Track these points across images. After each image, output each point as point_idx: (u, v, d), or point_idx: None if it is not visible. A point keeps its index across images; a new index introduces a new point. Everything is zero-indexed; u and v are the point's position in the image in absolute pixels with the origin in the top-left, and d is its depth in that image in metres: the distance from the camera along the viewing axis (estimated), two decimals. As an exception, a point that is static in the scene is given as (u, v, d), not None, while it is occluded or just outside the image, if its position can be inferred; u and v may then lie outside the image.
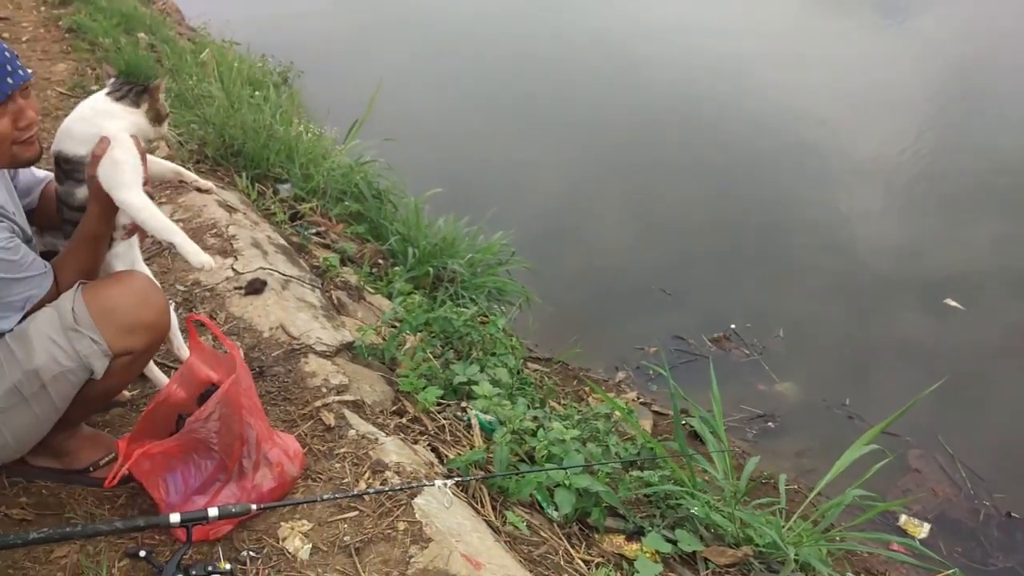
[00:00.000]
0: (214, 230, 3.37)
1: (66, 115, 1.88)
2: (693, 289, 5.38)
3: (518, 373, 3.35)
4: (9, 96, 1.64)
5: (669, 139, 7.27)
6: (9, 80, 1.62)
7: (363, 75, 7.71)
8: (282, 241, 3.59)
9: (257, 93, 4.72)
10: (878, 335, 4.98)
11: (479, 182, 6.37)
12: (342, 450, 2.19)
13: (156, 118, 1.94)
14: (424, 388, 2.64)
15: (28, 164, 1.80)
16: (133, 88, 1.89)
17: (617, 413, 3.02)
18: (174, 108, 4.59)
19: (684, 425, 4.06)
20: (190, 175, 2.21)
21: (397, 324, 3.03)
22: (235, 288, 2.99)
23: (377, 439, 2.26)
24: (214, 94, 4.53)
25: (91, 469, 2.03)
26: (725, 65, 8.59)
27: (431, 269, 3.99)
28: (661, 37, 9.37)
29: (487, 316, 3.59)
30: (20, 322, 1.76)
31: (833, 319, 5.11)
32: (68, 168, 1.84)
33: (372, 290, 3.67)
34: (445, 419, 2.62)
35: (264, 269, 3.09)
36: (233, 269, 3.11)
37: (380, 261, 4.15)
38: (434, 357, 2.98)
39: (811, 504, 2.79)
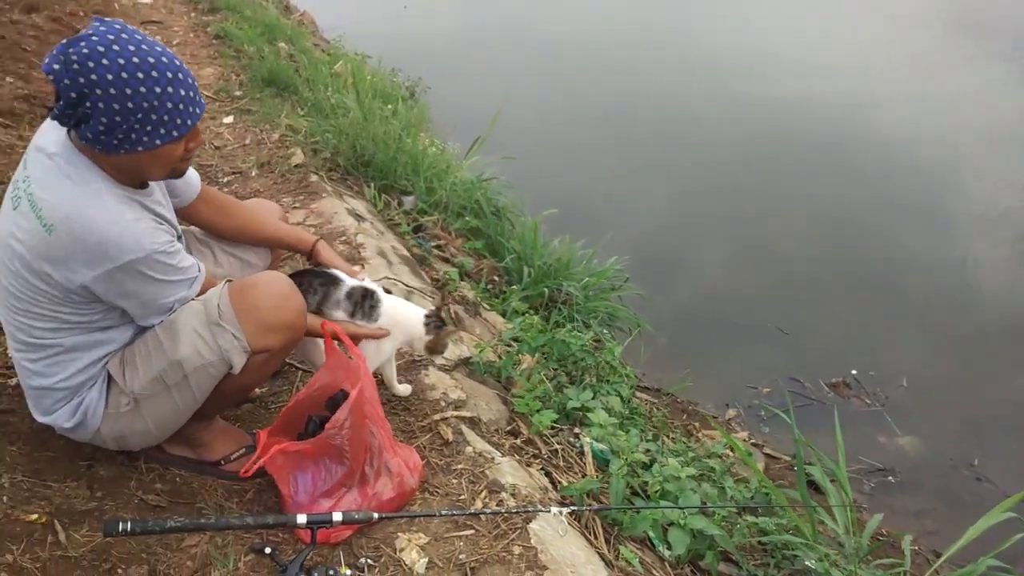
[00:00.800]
0: (343, 237, 3.47)
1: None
2: (811, 329, 5.18)
3: (628, 402, 3.31)
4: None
5: (787, 174, 7.06)
6: (196, 110, 1.70)
7: (485, 94, 7.87)
8: (405, 252, 3.67)
9: (388, 106, 4.84)
10: (1011, 393, 4.66)
11: (592, 205, 6.36)
12: (459, 466, 2.20)
13: (430, 348, 2.35)
14: (539, 411, 2.63)
15: (179, 176, 1.88)
16: (438, 323, 2.33)
17: (731, 452, 2.93)
18: (310, 116, 4.78)
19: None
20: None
21: (513, 343, 3.03)
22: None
23: (493, 458, 2.25)
24: (349, 106, 4.69)
25: (223, 462, 2.11)
26: (846, 99, 8.32)
27: (546, 289, 3.99)
28: (780, 70, 9.16)
29: (599, 341, 3.55)
30: None
31: (962, 372, 4.81)
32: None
33: (487, 306, 3.69)
34: (558, 443, 2.60)
35: (389, 279, 3.16)
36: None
37: (495, 278, 4.18)
38: (547, 379, 2.97)
39: (935, 572, 2.62)
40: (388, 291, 2.38)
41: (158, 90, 1.59)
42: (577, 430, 2.74)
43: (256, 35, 5.90)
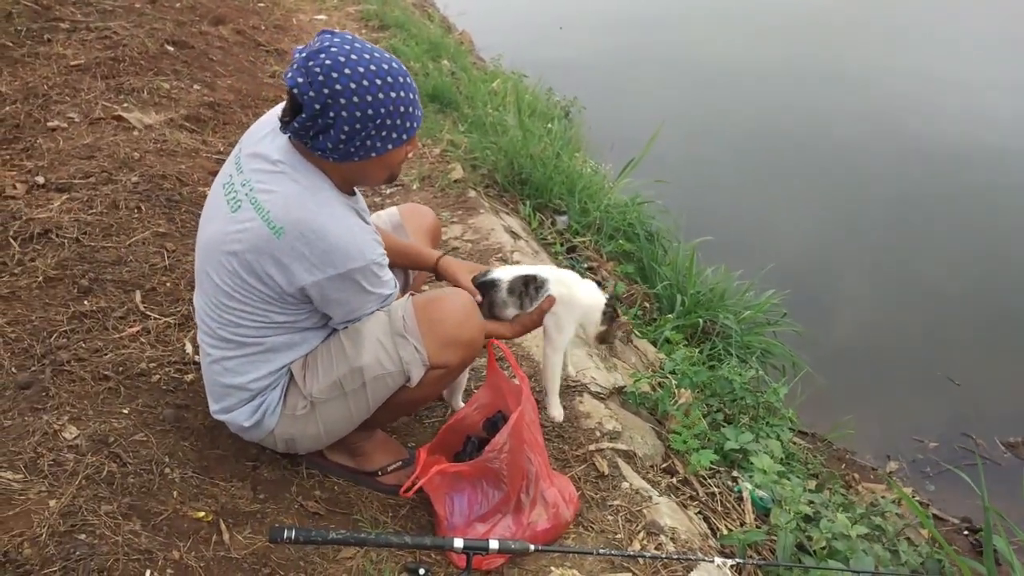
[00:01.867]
0: (499, 254, 3.46)
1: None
2: (985, 381, 4.75)
3: (786, 447, 3.11)
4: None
5: (957, 211, 6.53)
6: (419, 113, 1.75)
7: (638, 114, 7.79)
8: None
9: (548, 126, 4.84)
10: None
11: (744, 231, 6.11)
12: (615, 502, 2.11)
13: (600, 338, 2.32)
14: (697, 450, 2.50)
15: (393, 181, 1.94)
16: (613, 314, 2.30)
17: (901, 509, 2.68)
18: (470, 132, 4.84)
19: (971, 535, 3.57)
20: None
21: (670, 376, 2.91)
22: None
23: (651, 497, 2.15)
24: (508, 124, 4.71)
25: (379, 473, 2.11)
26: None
27: (700, 321, 3.84)
28: (946, 105, 8.54)
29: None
30: None
31: None
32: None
33: (639, 334, 3.59)
34: (716, 486, 2.46)
35: (544, 299, 3.11)
36: (515, 295, 3.16)
37: (646, 304, 4.06)
38: (703, 416, 2.83)
39: None
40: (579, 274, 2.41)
41: (393, 95, 1.65)
42: (735, 473, 2.59)
43: (422, 52, 6.07)
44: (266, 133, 1.79)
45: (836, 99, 8.85)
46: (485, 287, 2.19)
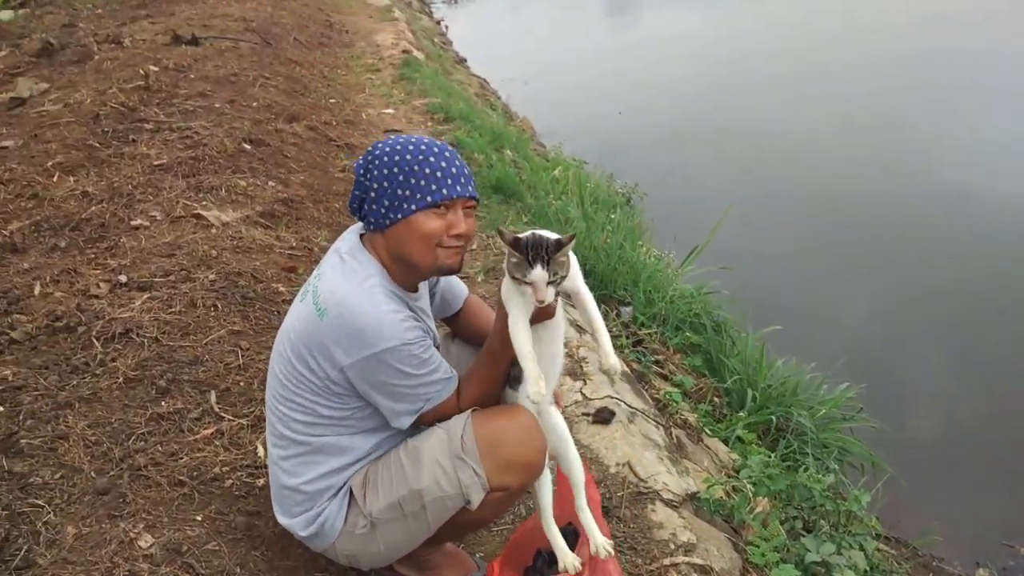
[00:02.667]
0: (565, 350, 3.43)
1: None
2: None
3: (870, 557, 2.95)
4: (447, 204, 1.78)
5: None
6: (457, 188, 1.78)
7: (699, 200, 7.79)
8: (625, 367, 3.57)
9: (611, 216, 4.86)
10: None
11: (812, 320, 5.97)
12: (694, 624, 2.01)
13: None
14: (777, 563, 2.39)
15: (447, 273, 1.91)
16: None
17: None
18: (533, 223, 4.89)
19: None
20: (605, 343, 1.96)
21: (745, 482, 2.81)
22: (583, 414, 2.98)
23: (731, 619, 2.05)
24: (571, 214, 4.75)
25: (448, 587, 2.06)
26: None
27: (773, 417, 3.72)
28: (1015, 191, 8.32)
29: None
30: (412, 427, 1.85)
31: None
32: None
33: (709, 432, 3.49)
34: (798, 604, 2.33)
35: (612, 398, 3.07)
36: (582, 393, 3.13)
37: (715, 399, 3.96)
38: (781, 524, 2.71)
39: None
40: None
41: (420, 157, 1.76)
42: (818, 589, 2.46)
43: (485, 143, 6.20)
44: (345, 235, 1.93)
45: (901, 178, 8.71)
46: None
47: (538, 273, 1.68)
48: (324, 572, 2.04)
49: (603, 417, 2.93)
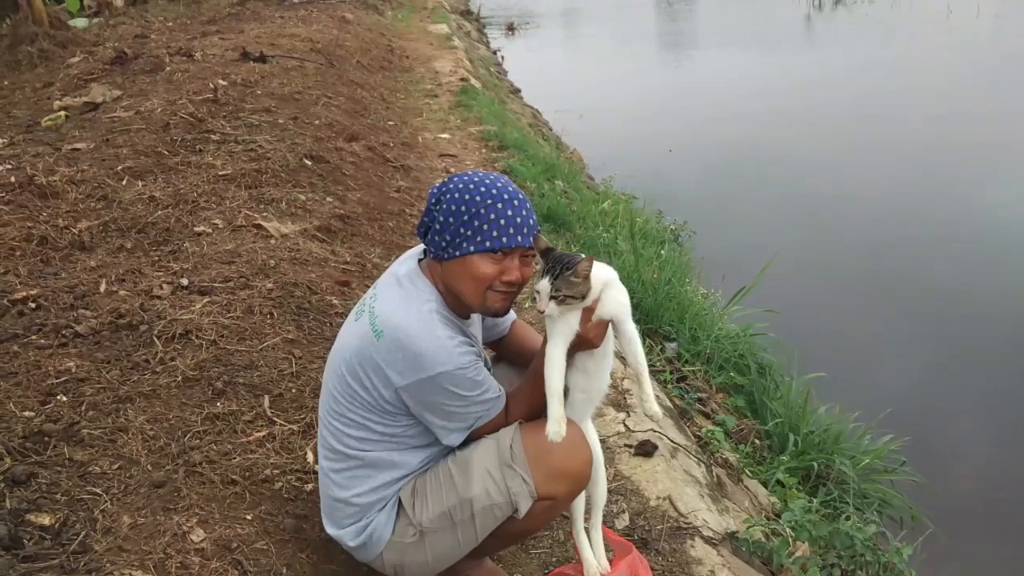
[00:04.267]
0: (609, 382, 3.44)
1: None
2: None
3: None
4: (506, 251, 1.83)
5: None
6: (517, 238, 1.82)
7: (745, 241, 7.75)
8: (668, 402, 3.57)
9: (660, 251, 4.88)
10: None
11: (856, 368, 5.89)
12: (730, 663, 2.00)
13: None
14: (816, 610, 2.36)
15: (492, 315, 1.96)
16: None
17: None
18: (583, 253, 4.93)
19: None
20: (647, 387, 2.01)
21: (787, 527, 2.78)
22: (625, 445, 3.00)
23: (768, 661, 2.03)
24: (620, 247, 4.78)
25: (486, 603, 2.08)
26: None
27: (814, 464, 3.68)
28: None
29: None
30: (463, 442, 1.89)
31: None
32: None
33: (749, 473, 3.47)
34: (835, 653, 2.30)
35: (655, 432, 3.07)
36: (625, 425, 3.14)
37: (756, 441, 3.93)
38: (818, 570, 2.68)
39: None
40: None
41: (488, 201, 1.79)
42: (856, 639, 2.43)
43: (537, 172, 6.28)
44: (404, 259, 1.98)
45: (955, 234, 8.59)
46: None
47: (543, 284, 1.78)
48: (366, 580, 2.07)
49: (645, 450, 2.93)
